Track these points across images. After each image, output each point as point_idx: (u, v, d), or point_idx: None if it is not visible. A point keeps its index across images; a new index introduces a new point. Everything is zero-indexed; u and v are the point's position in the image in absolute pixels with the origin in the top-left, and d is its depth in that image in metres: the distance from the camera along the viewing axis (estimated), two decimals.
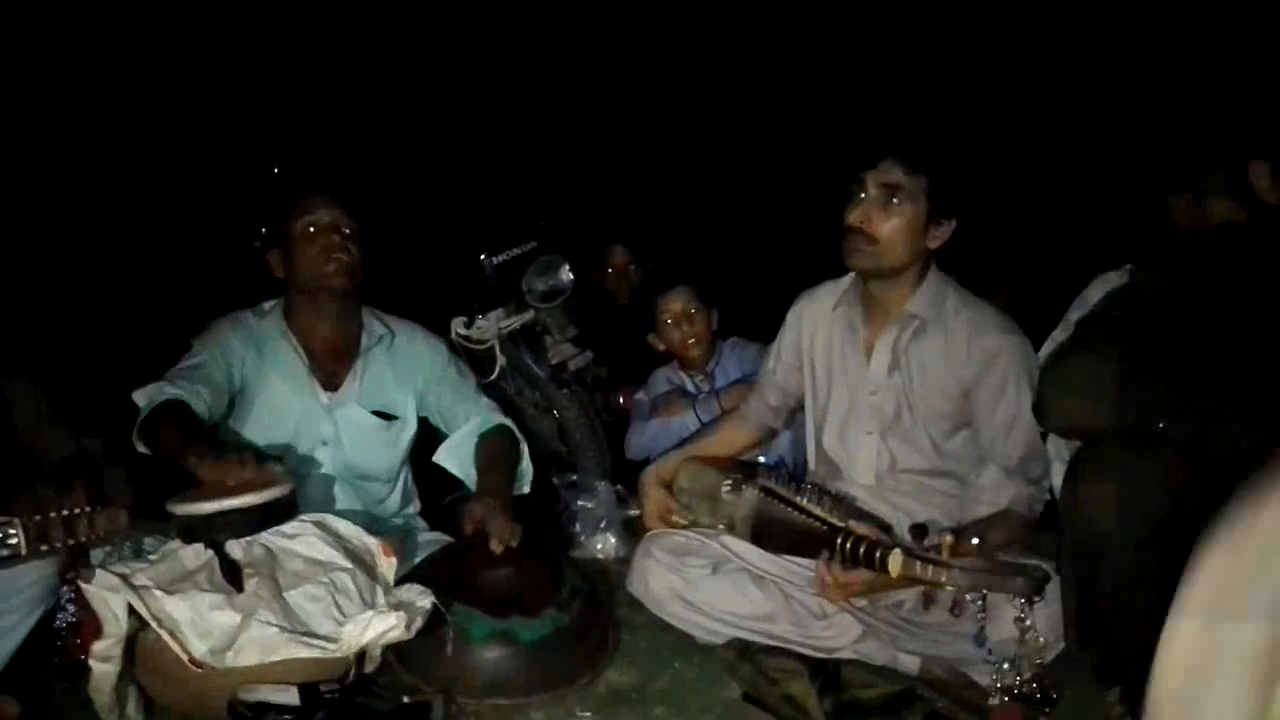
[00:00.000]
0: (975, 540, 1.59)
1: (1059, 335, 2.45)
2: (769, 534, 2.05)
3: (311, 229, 2.34)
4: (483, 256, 2.99)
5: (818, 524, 1.87)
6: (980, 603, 1.56)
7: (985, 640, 1.70)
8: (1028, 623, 1.58)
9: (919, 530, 1.66)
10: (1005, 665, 1.68)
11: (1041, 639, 1.66)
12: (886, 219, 2.01)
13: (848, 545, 1.78)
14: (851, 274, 2.22)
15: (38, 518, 1.71)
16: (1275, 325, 1.50)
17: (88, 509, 1.77)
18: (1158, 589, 1.40)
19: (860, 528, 1.81)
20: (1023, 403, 1.98)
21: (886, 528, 1.96)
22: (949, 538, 1.59)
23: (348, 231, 2.36)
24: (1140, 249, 2.53)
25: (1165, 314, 1.56)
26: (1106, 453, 1.45)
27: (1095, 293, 2.48)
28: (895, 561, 1.65)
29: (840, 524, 1.83)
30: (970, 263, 2.37)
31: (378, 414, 2.47)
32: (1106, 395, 1.50)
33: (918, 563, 1.62)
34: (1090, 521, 1.44)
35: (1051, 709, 1.68)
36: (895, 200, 2.00)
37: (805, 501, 1.93)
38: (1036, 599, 1.55)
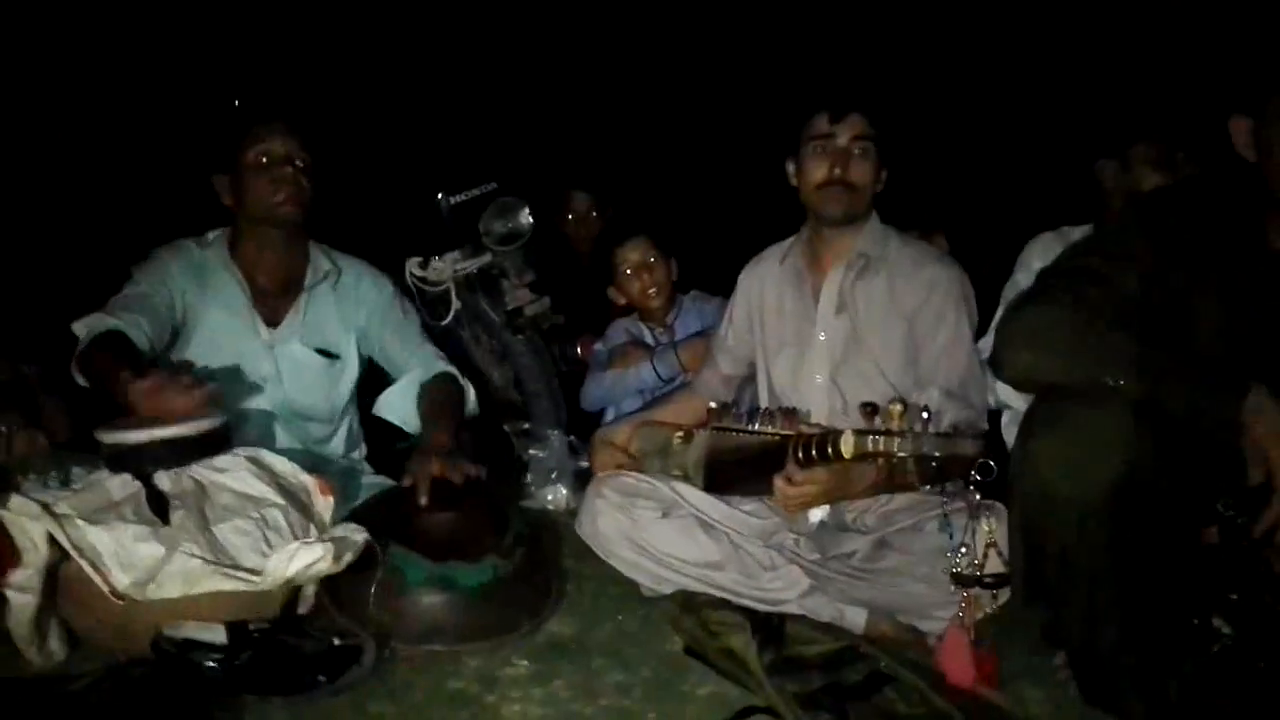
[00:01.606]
0: (924, 414, 1.58)
1: (1008, 294, 2.44)
2: (723, 468, 2.09)
3: (264, 159, 2.27)
4: (440, 195, 2.90)
5: (771, 438, 1.92)
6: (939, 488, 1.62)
7: (949, 526, 1.76)
8: (978, 496, 1.63)
9: (869, 407, 1.66)
10: (963, 549, 1.70)
11: (992, 522, 1.68)
12: (859, 167, 2.12)
13: (800, 446, 1.80)
14: (797, 232, 2.30)
15: None
16: (1236, 284, 1.47)
17: (4, 429, 1.70)
18: (1106, 551, 1.39)
19: (811, 429, 1.87)
20: (961, 328, 2.09)
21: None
22: (898, 406, 1.60)
23: (300, 164, 2.29)
24: (1071, 211, 2.60)
25: (1126, 269, 1.52)
26: (1060, 408, 1.42)
27: (1034, 254, 2.49)
28: (848, 443, 1.66)
29: (792, 432, 1.86)
30: (908, 214, 2.41)
31: (320, 352, 2.41)
32: (1061, 347, 1.48)
33: (869, 438, 1.62)
34: (1041, 478, 1.41)
35: (998, 591, 1.70)
36: (862, 150, 2.11)
37: (756, 426, 1.99)
38: (989, 465, 1.57)
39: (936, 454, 1.55)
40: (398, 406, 2.42)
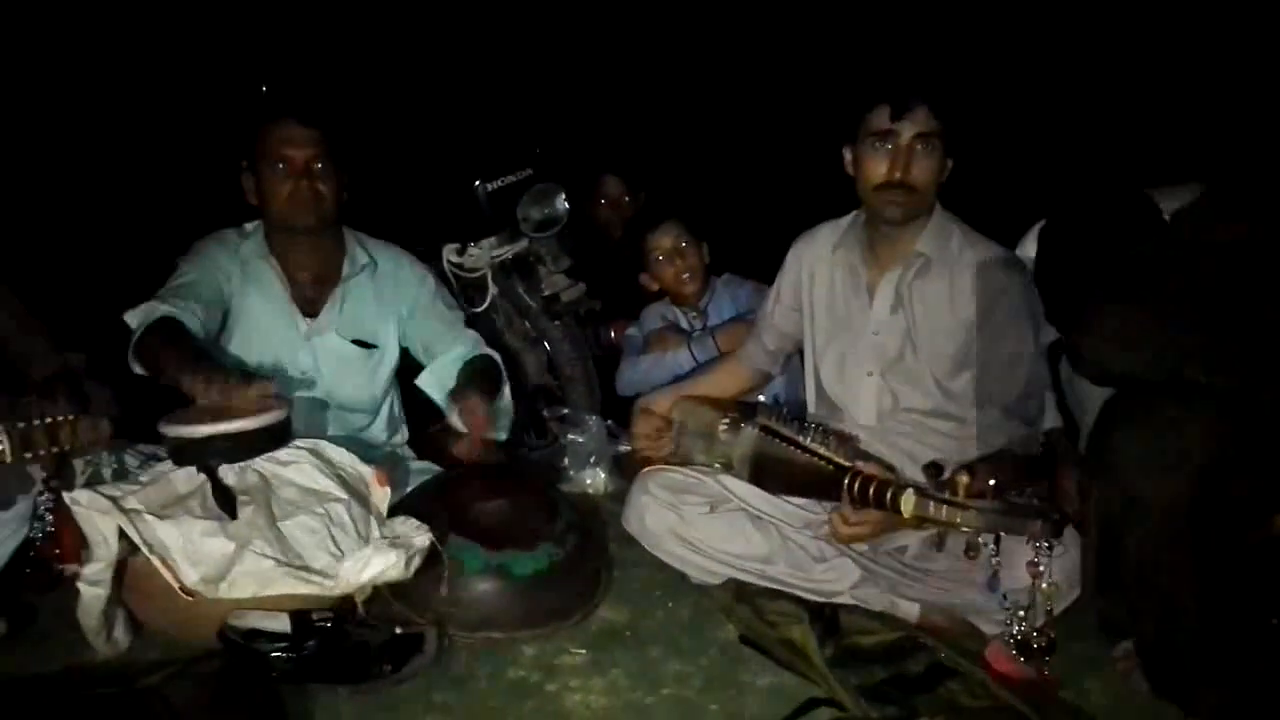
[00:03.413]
0: (991, 481, 1.54)
1: None
2: (770, 473, 2.01)
3: (280, 165, 2.24)
4: (477, 183, 2.90)
5: (823, 463, 1.83)
6: (994, 547, 1.53)
7: (999, 586, 1.67)
8: (1040, 567, 1.56)
9: (934, 469, 1.61)
10: (1020, 613, 1.66)
11: (1054, 584, 1.62)
12: (923, 167, 1.98)
13: (856, 485, 1.74)
14: (852, 214, 2.20)
15: (21, 425, 1.67)
16: None
17: (70, 416, 1.72)
18: (1186, 547, 1.39)
19: (868, 467, 1.78)
20: (1025, 342, 1.98)
21: (890, 469, 1.94)
22: (964, 477, 1.55)
23: (319, 167, 2.25)
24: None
25: (1209, 258, 1.51)
26: (1143, 403, 1.41)
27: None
28: (908, 502, 1.61)
29: (847, 463, 1.79)
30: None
31: (358, 343, 2.42)
32: (1144, 341, 1.46)
33: (931, 503, 1.57)
34: (1123, 475, 1.40)
35: (1050, 657, 1.67)
36: (926, 147, 1.97)
37: (809, 440, 1.89)
38: (1054, 542, 1.52)
39: (1000, 533, 1.51)
40: (438, 380, 2.44)
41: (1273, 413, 1.35)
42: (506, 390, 2.50)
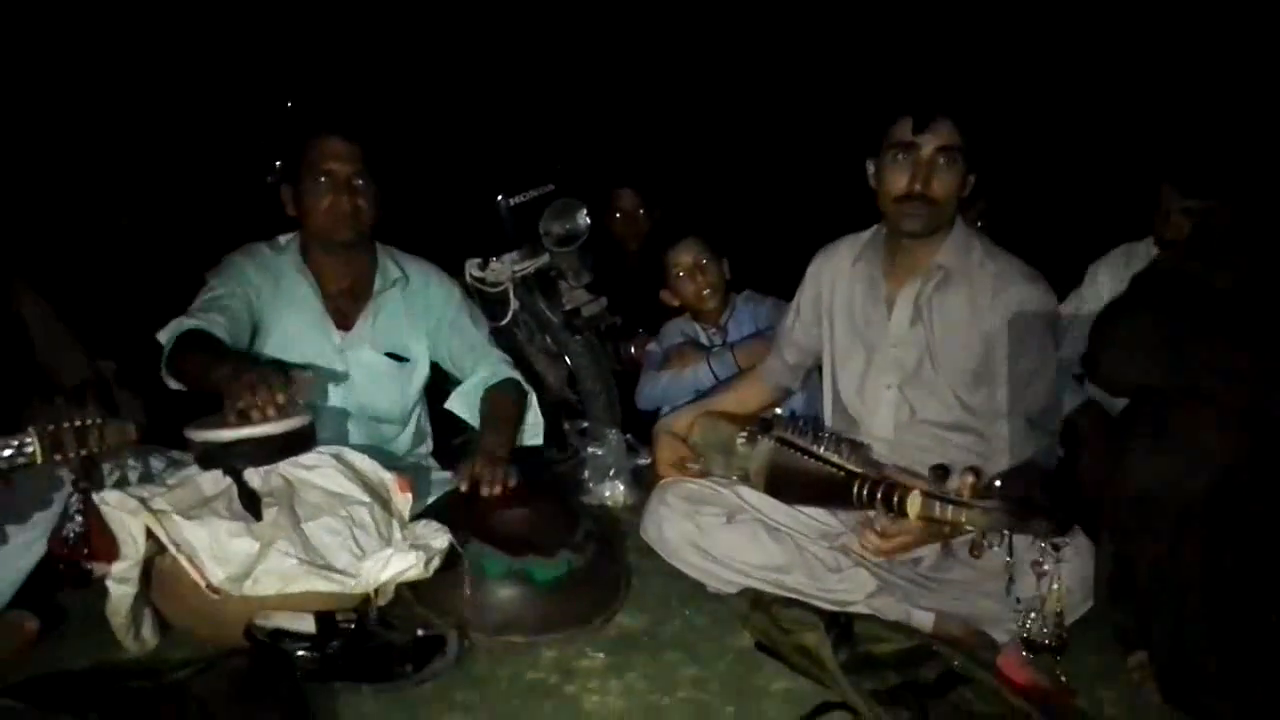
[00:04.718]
0: (997, 482, 1.55)
1: (1069, 309, 2.44)
2: (785, 484, 2.03)
3: (323, 179, 2.29)
4: (499, 198, 2.94)
5: (835, 470, 1.85)
6: (1006, 549, 1.54)
7: (1013, 589, 1.69)
8: (1046, 567, 1.58)
9: (940, 471, 1.63)
10: (1031, 615, 1.68)
11: (1066, 587, 1.65)
12: (943, 180, 1.98)
13: (865, 489, 1.76)
14: (873, 227, 2.21)
15: (51, 428, 1.71)
16: None
17: (98, 420, 1.77)
18: (1200, 556, 1.40)
19: (878, 473, 1.80)
20: (1045, 355, 1.99)
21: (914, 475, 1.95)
22: (970, 478, 1.56)
23: (360, 183, 2.31)
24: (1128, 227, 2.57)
25: (1223, 273, 1.53)
26: (1158, 414, 1.43)
27: (1101, 271, 2.53)
28: (914, 503, 1.63)
29: (858, 470, 1.81)
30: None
31: (390, 355, 2.46)
32: (1159, 353, 1.47)
33: (937, 504, 1.59)
34: (1139, 484, 1.42)
35: (1060, 656, 1.69)
36: (948, 161, 1.97)
37: (822, 450, 1.90)
38: (1059, 541, 1.53)
39: (1006, 531, 1.53)
40: (467, 402, 2.49)
41: None
42: (534, 401, 2.53)
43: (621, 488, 2.80)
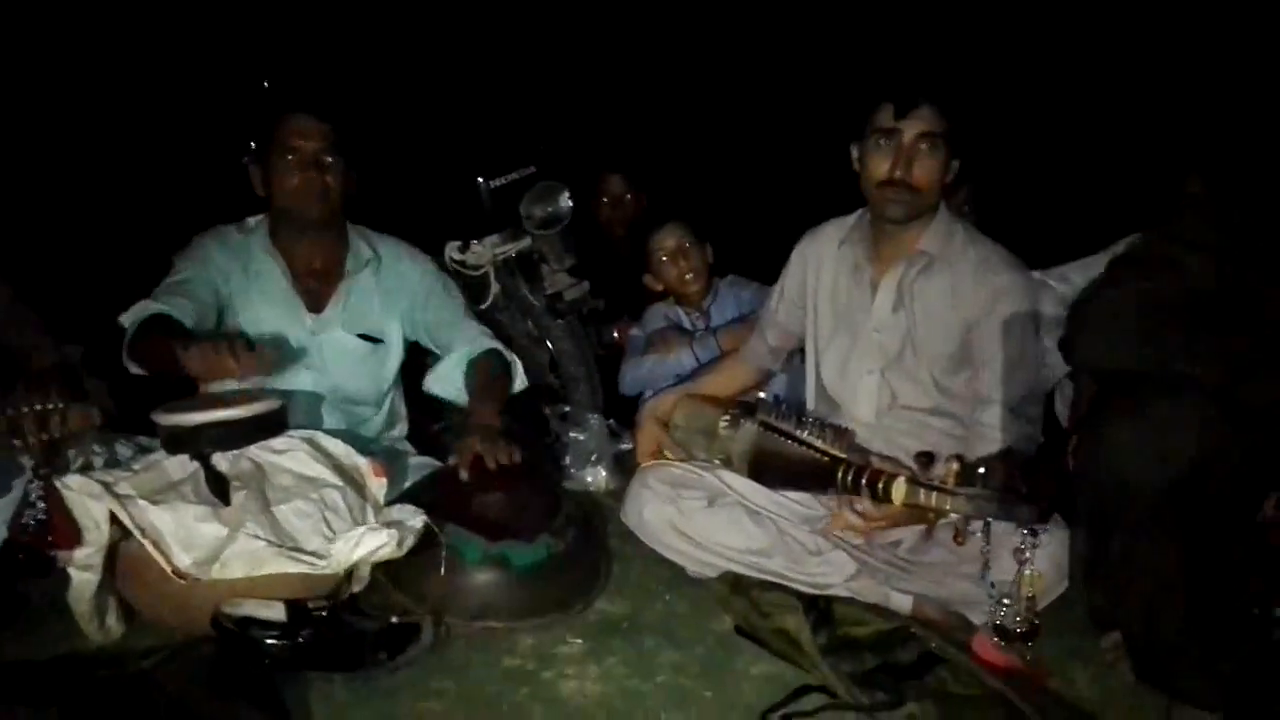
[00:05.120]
0: (981, 470, 1.54)
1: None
2: (767, 468, 2.01)
3: (290, 157, 2.24)
4: (480, 180, 2.90)
5: (818, 455, 1.83)
6: (984, 535, 1.53)
7: (988, 575, 1.68)
8: (1026, 553, 1.57)
9: (926, 458, 1.62)
10: (1005, 600, 1.67)
11: (1038, 572, 1.64)
12: (925, 166, 1.97)
13: (849, 475, 1.74)
14: (858, 211, 2.20)
15: (9, 412, 1.67)
16: None
17: (60, 405, 1.73)
18: (1174, 536, 1.39)
19: (862, 458, 1.78)
20: (1026, 341, 1.98)
21: (895, 463, 1.93)
22: (955, 465, 1.55)
23: (329, 160, 2.26)
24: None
25: (1198, 257, 1.52)
26: (1137, 397, 1.42)
27: None
28: (899, 490, 1.61)
29: (842, 455, 1.79)
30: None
31: (363, 337, 2.41)
32: (1134, 335, 1.47)
33: (921, 490, 1.58)
34: (1114, 464, 1.41)
35: (1032, 642, 1.69)
36: (930, 147, 1.96)
37: (805, 434, 1.88)
38: (1040, 528, 1.52)
39: (988, 519, 1.52)
40: (448, 383, 2.44)
41: (1258, 406, 1.35)
42: (519, 370, 2.49)
43: (603, 473, 2.76)
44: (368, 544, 1.75)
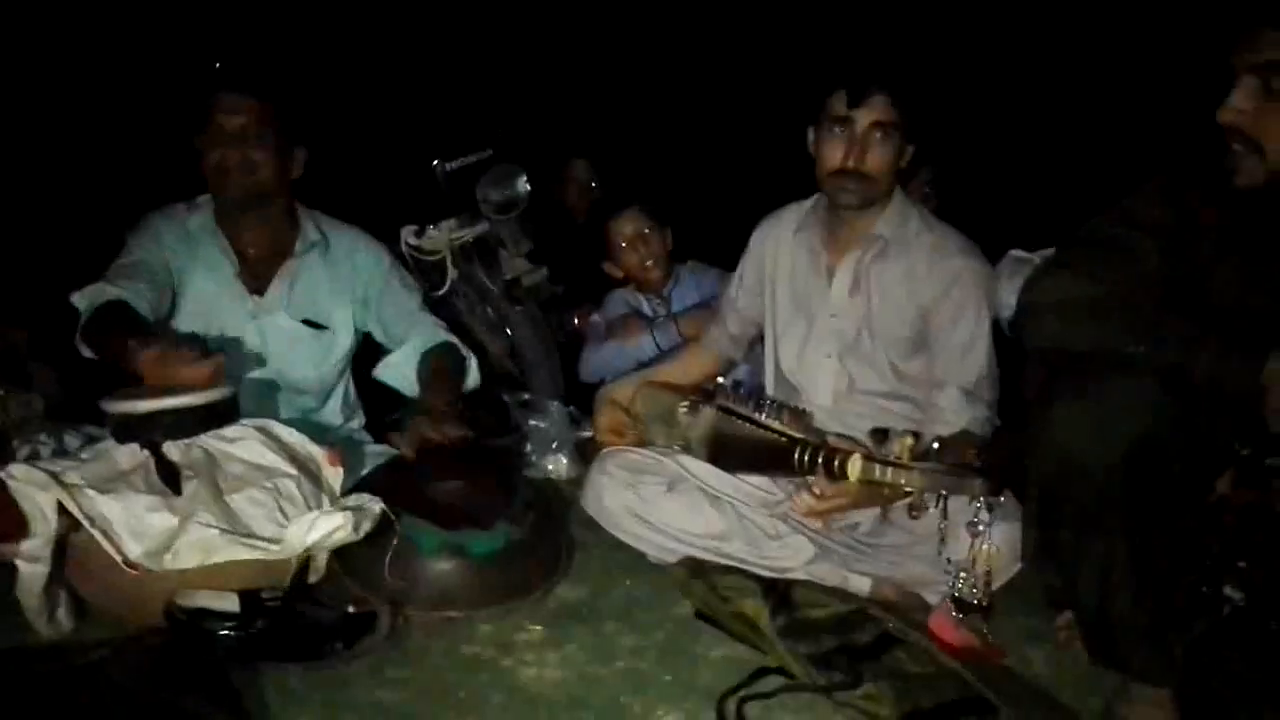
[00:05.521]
0: (935, 445, 1.56)
1: None
2: (726, 451, 2.01)
3: (217, 135, 2.21)
4: (435, 162, 2.87)
5: (776, 437, 1.83)
6: (941, 511, 1.54)
7: (944, 550, 1.70)
8: (980, 527, 1.59)
9: (880, 434, 1.63)
10: (962, 575, 1.70)
11: (995, 546, 1.67)
12: (877, 155, 1.99)
13: (806, 454, 1.74)
14: (814, 196, 2.21)
15: None
16: (1255, 253, 1.49)
17: (0, 392, 1.68)
18: (1123, 514, 1.41)
19: (819, 438, 1.79)
20: (981, 324, 2.01)
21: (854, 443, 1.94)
22: (909, 440, 1.57)
23: (253, 135, 2.22)
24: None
25: (1147, 238, 1.54)
26: (1088, 376, 1.43)
27: None
28: (855, 466, 1.62)
29: (799, 435, 1.80)
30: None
31: (308, 323, 2.38)
32: (1085, 316, 1.49)
33: (877, 466, 1.59)
34: (1062, 442, 1.42)
35: (987, 617, 1.71)
36: (883, 135, 1.98)
37: (763, 417, 1.89)
38: (993, 501, 1.54)
39: (943, 492, 1.52)
40: (398, 372, 2.41)
41: (1208, 387, 1.37)
42: (473, 365, 2.46)
43: (564, 460, 2.75)
44: (322, 527, 1.73)
